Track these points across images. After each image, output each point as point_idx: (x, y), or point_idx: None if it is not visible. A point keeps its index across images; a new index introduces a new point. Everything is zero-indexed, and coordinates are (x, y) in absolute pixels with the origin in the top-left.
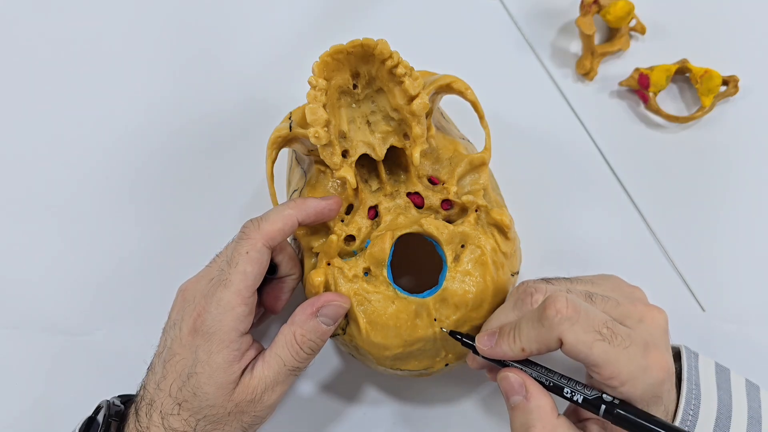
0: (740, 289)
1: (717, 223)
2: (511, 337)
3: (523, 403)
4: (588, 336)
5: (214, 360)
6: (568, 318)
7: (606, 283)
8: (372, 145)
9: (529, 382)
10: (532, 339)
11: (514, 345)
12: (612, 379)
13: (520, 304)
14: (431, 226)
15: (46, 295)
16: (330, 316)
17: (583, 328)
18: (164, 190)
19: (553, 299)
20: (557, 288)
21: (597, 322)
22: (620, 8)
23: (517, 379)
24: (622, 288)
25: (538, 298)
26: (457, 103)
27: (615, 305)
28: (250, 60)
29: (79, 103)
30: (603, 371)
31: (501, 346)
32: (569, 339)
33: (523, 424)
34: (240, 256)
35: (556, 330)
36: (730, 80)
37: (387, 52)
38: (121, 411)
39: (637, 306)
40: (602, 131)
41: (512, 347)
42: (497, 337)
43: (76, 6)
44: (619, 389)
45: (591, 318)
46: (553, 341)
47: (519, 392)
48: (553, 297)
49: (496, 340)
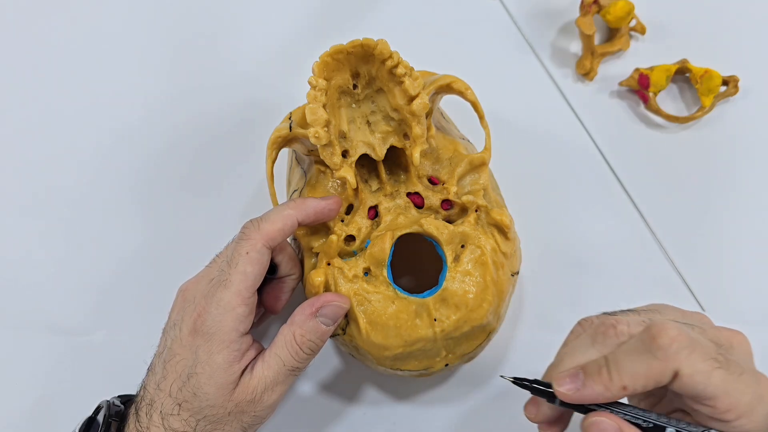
0: (740, 289)
1: (717, 223)
2: (606, 375)
3: None
4: (706, 364)
5: (215, 360)
6: (686, 346)
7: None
8: (372, 145)
9: (625, 426)
10: (639, 374)
11: (611, 384)
12: (728, 412)
13: (602, 339)
14: (431, 226)
15: (46, 295)
16: (329, 317)
17: (700, 356)
18: (164, 191)
19: (661, 327)
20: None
21: (711, 350)
22: (620, 8)
23: (612, 424)
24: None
25: (623, 329)
26: (457, 103)
27: (702, 332)
28: (250, 60)
29: (78, 103)
30: (719, 403)
31: (593, 386)
32: (687, 370)
33: None
34: (240, 257)
35: (673, 361)
36: (730, 80)
37: (387, 52)
38: (121, 411)
39: (722, 332)
40: (602, 131)
41: (610, 386)
42: (584, 377)
43: (76, 7)
44: (733, 423)
45: (704, 345)
46: (667, 374)
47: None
48: (661, 325)
49: (583, 381)
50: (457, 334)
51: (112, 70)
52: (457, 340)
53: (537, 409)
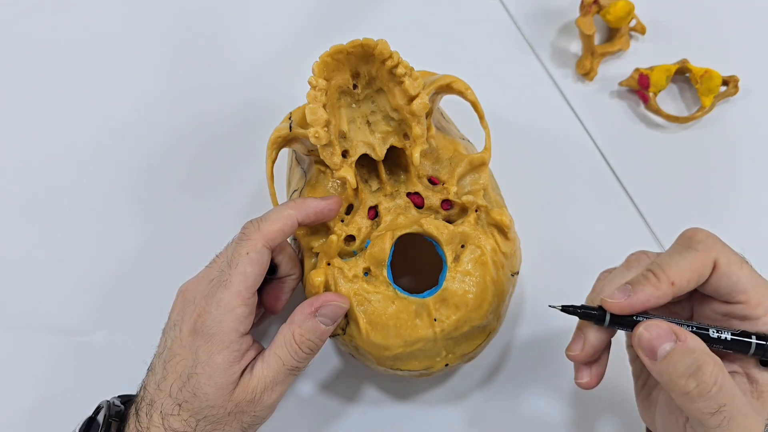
0: None
1: (717, 222)
2: (653, 278)
3: (681, 345)
4: (736, 258)
5: (215, 361)
6: (719, 240)
7: None
8: (372, 145)
9: (675, 326)
10: (684, 269)
11: (660, 283)
12: (759, 306)
13: (636, 263)
14: (431, 226)
15: (46, 295)
16: (329, 316)
17: (731, 251)
18: (164, 191)
19: (695, 229)
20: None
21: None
22: (620, 8)
23: (663, 325)
24: None
25: (651, 254)
26: (457, 103)
27: None
28: (250, 60)
29: (78, 103)
30: (751, 297)
31: (643, 290)
32: (724, 260)
33: (691, 365)
34: (240, 257)
35: (713, 250)
36: (730, 80)
37: (387, 52)
38: (121, 411)
39: None
40: (602, 131)
41: (659, 285)
42: (632, 288)
43: (76, 6)
44: (763, 319)
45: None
46: (708, 265)
47: (669, 339)
48: (693, 228)
49: (631, 291)
50: (457, 334)
51: (112, 70)
52: (457, 340)
53: (582, 342)
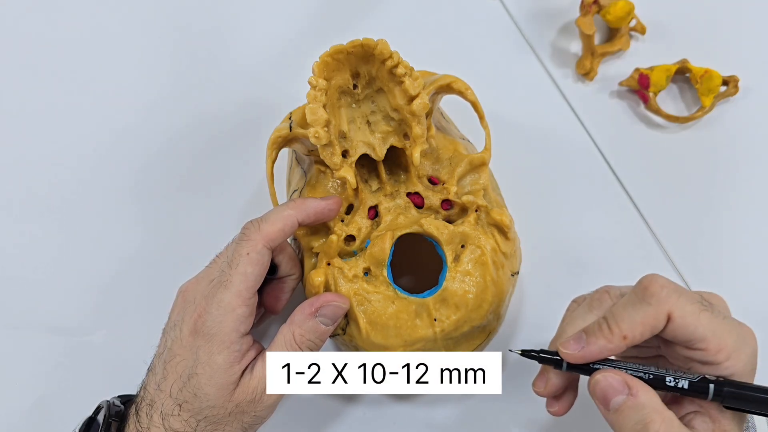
0: (740, 289)
1: (717, 223)
2: (606, 329)
3: (631, 400)
4: (694, 307)
5: (215, 361)
6: (675, 290)
7: None
8: (372, 145)
9: (629, 378)
10: (636, 322)
11: (612, 336)
12: (719, 353)
13: (598, 304)
14: (431, 226)
15: (46, 295)
16: (329, 317)
17: (688, 300)
18: (164, 191)
19: (652, 277)
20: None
21: (695, 297)
22: (620, 8)
23: (616, 377)
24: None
25: (615, 293)
26: (457, 103)
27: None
28: (250, 60)
29: (78, 103)
30: (710, 344)
31: (595, 342)
32: (678, 312)
33: (639, 422)
34: (240, 257)
35: (665, 304)
36: (730, 80)
37: (387, 52)
38: (121, 411)
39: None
40: (602, 131)
41: (611, 338)
42: (588, 336)
43: (76, 6)
44: (724, 364)
45: (689, 293)
46: (661, 318)
47: (622, 391)
48: (650, 276)
49: (586, 341)
50: (457, 334)
51: (112, 69)
52: (457, 340)
53: (545, 381)
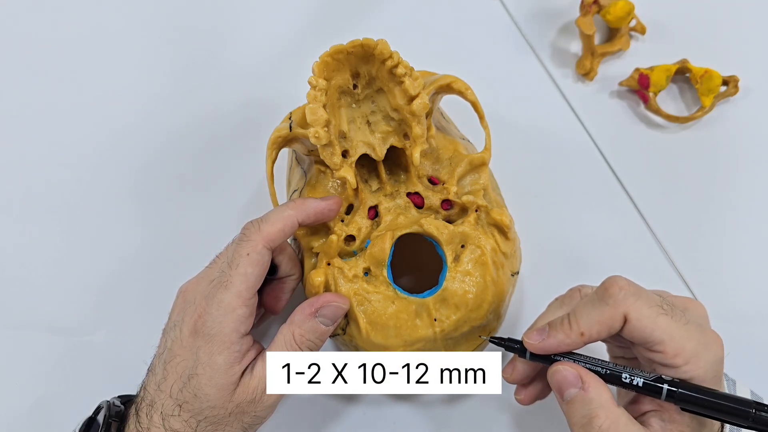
0: (740, 289)
1: (717, 223)
2: (566, 325)
3: (581, 394)
4: (651, 310)
5: (215, 361)
6: (633, 293)
7: None
8: (372, 145)
9: (584, 372)
10: (593, 321)
11: (570, 331)
12: (676, 356)
13: (568, 300)
14: (431, 226)
15: (46, 295)
16: (329, 317)
17: (645, 302)
18: (164, 190)
19: (613, 279)
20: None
21: (656, 299)
22: (620, 8)
23: (571, 370)
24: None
25: (586, 291)
26: (457, 103)
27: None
28: (250, 60)
29: (78, 102)
30: (668, 348)
31: (555, 336)
32: (634, 314)
33: (585, 416)
34: (241, 258)
35: (622, 306)
36: (730, 80)
37: (387, 52)
38: (121, 411)
39: (679, 298)
40: (602, 131)
41: (569, 334)
42: (550, 329)
43: (76, 6)
44: (682, 368)
45: (650, 295)
46: (618, 319)
47: (575, 384)
48: (613, 277)
49: (547, 333)
50: (457, 334)
51: (112, 69)
52: (457, 340)
53: (512, 368)
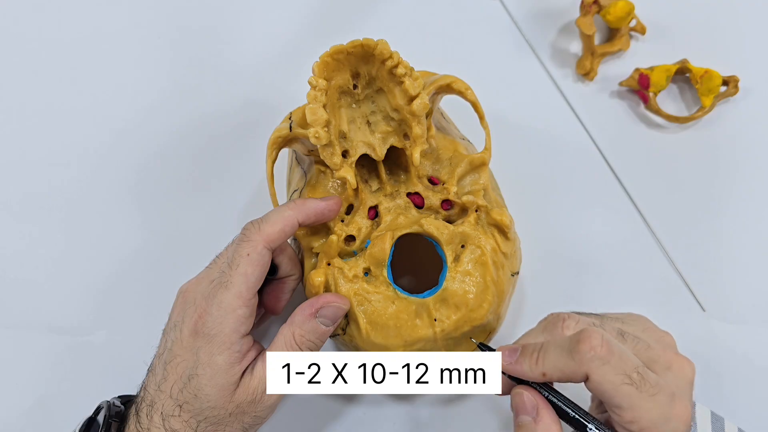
0: (740, 289)
1: (717, 223)
2: (534, 358)
3: (531, 425)
4: (617, 378)
5: (216, 362)
6: (601, 357)
7: (636, 323)
8: (372, 145)
9: (543, 405)
10: (557, 367)
11: (535, 367)
12: (632, 423)
13: (551, 328)
14: (431, 226)
15: (46, 295)
16: (329, 317)
17: (613, 369)
18: (164, 191)
19: (588, 334)
20: (590, 320)
21: (629, 366)
22: (620, 8)
23: (531, 399)
24: (653, 331)
25: (570, 324)
26: (457, 103)
27: (646, 348)
28: (250, 60)
29: (78, 103)
30: (625, 414)
31: (522, 364)
32: (596, 378)
33: None
34: (241, 258)
35: (586, 366)
36: (730, 80)
37: (387, 52)
38: (121, 412)
39: (667, 352)
40: (602, 131)
41: (533, 368)
42: (519, 355)
43: (76, 6)
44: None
45: (624, 360)
46: (579, 375)
47: (530, 413)
48: (589, 332)
49: (517, 357)
50: (457, 334)
51: (112, 70)
52: (457, 340)
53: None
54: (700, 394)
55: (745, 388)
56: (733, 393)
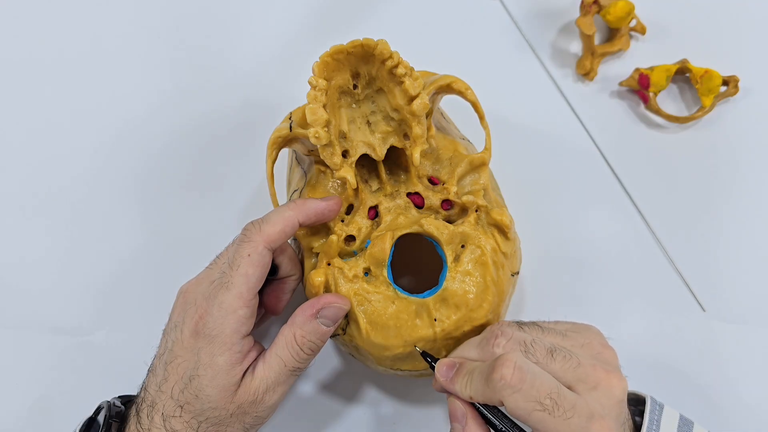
0: (740, 289)
1: (717, 223)
2: (465, 381)
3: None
4: (528, 405)
5: (216, 362)
6: (511, 386)
7: (579, 336)
8: (372, 145)
9: (471, 416)
10: (479, 392)
11: (464, 390)
12: None
13: (484, 344)
14: (431, 226)
15: (47, 295)
16: (329, 318)
17: (524, 397)
18: (164, 191)
19: (501, 363)
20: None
21: (541, 393)
22: (620, 8)
23: (461, 408)
24: (593, 346)
25: (500, 342)
26: (457, 103)
27: (575, 366)
28: (250, 60)
29: (79, 104)
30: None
31: (455, 384)
32: (509, 405)
33: None
34: (242, 259)
35: (498, 393)
36: (730, 80)
37: (387, 52)
38: (121, 412)
39: (597, 371)
40: (602, 131)
41: (463, 392)
42: (455, 373)
43: (77, 7)
44: None
45: (536, 387)
46: (495, 401)
47: (460, 421)
48: (503, 360)
49: (452, 375)
50: (458, 334)
51: (112, 70)
52: (458, 340)
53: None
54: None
55: (745, 389)
56: (733, 393)
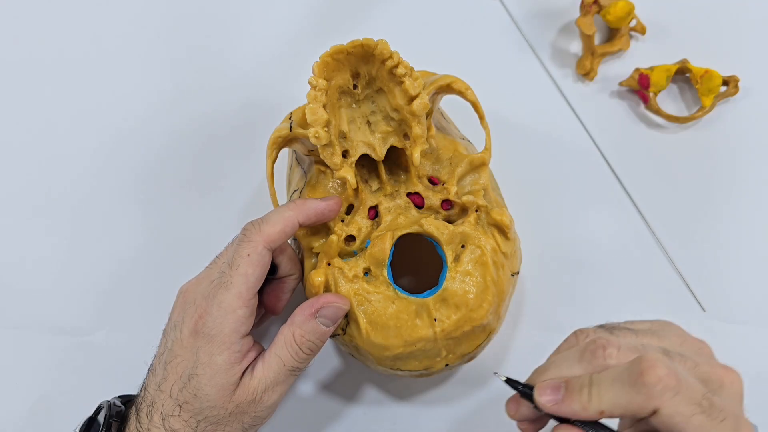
0: (740, 289)
1: (717, 223)
2: (586, 396)
3: None
4: (688, 408)
5: (216, 362)
6: (672, 388)
7: (671, 334)
8: (372, 145)
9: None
10: (618, 403)
11: (590, 405)
12: None
13: (590, 357)
14: (431, 226)
15: (47, 295)
16: (329, 317)
17: (684, 399)
18: (164, 191)
19: (651, 364)
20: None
21: (697, 394)
22: (620, 8)
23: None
24: (689, 342)
25: (611, 352)
26: (457, 103)
27: (693, 366)
28: (250, 60)
29: (79, 104)
30: None
31: (572, 404)
32: (667, 410)
33: None
34: (241, 259)
35: (656, 399)
36: (730, 80)
37: (387, 52)
38: (121, 411)
39: (715, 369)
40: (602, 131)
41: (588, 408)
42: (565, 392)
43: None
44: None
45: (692, 389)
46: (646, 410)
47: None
48: (650, 361)
49: (563, 396)
50: (458, 334)
51: (112, 71)
52: (458, 340)
53: (517, 408)
54: None
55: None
56: None
